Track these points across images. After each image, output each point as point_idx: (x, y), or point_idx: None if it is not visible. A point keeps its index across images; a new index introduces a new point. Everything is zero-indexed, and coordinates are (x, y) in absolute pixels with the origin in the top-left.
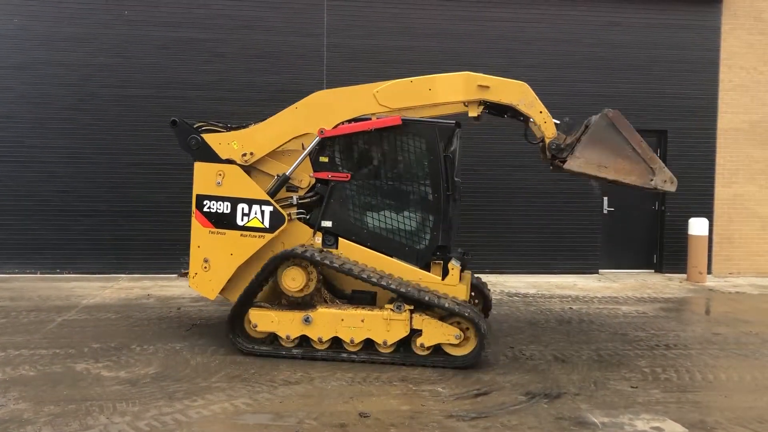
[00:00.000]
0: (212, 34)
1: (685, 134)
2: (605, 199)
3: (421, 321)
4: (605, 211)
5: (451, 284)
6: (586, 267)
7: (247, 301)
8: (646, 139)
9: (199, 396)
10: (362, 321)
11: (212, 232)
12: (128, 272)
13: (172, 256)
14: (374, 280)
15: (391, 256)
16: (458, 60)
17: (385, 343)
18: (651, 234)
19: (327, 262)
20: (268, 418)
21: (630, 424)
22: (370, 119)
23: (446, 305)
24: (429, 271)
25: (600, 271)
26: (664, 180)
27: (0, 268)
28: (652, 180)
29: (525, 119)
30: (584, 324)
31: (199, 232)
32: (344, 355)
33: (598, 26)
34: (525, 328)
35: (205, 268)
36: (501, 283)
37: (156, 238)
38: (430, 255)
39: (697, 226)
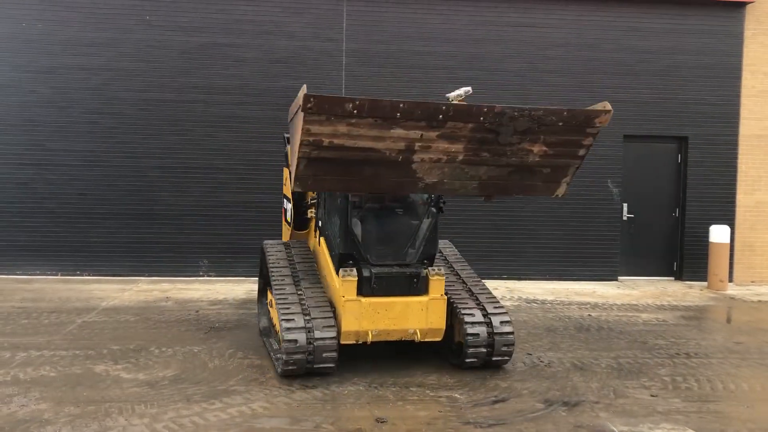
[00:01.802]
0: (233, 39)
1: (706, 141)
2: (625, 205)
3: None
4: (625, 218)
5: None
6: (606, 274)
7: (263, 282)
8: (667, 145)
9: (217, 399)
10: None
11: (285, 224)
12: (147, 275)
13: (192, 259)
14: (275, 278)
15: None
16: (476, 65)
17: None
18: (671, 241)
19: (267, 255)
20: (285, 422)
21: None
22: None
23: (282, 316)
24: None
25: (619, 278)
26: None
27: (22, 270)
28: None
29: None
30: (603, 331)
31: (283, 224)
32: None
33: (619, 31)
34: (543, 334)
35: None
36: (519, 290)
37: (175, 241)
38: (337, 262)
39: (719, 234)
